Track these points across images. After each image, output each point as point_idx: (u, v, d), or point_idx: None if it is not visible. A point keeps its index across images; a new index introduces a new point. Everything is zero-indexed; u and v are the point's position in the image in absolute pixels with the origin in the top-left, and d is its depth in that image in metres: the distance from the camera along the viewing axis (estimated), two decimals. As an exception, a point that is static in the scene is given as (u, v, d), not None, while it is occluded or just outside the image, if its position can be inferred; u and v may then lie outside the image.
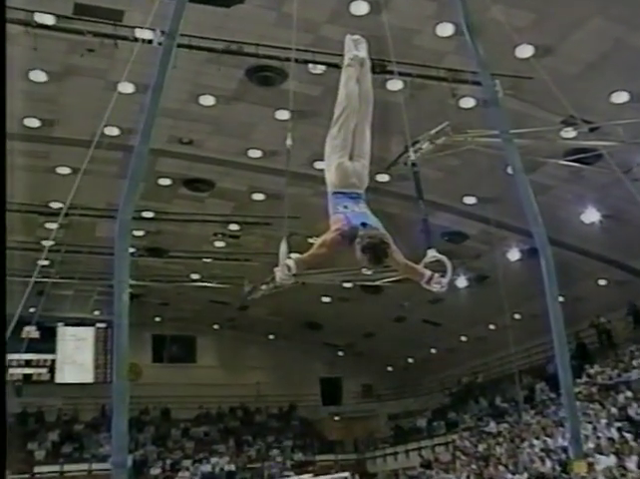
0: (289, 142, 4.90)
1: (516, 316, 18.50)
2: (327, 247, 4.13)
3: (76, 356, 22.33)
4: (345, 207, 4.29)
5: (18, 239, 14.72)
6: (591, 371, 15.97)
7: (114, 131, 11.42)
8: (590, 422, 13.25)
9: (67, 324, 22.26)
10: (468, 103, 10.99)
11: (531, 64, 7.86)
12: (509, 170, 6.07)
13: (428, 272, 4.47)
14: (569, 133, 10.12)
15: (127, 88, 9.91)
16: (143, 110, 5.05)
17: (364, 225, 4.15)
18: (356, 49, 4.80)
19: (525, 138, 9.40)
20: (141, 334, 22.86)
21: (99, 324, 22.54)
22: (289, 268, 4.08)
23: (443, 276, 4.45)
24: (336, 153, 4.48)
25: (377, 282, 14.87)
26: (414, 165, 5.03)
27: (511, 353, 15.55)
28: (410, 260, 4.43)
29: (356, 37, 4.91)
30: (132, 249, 6.56)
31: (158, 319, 23.67)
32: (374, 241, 3.99)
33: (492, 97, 6.12)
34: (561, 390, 5.54)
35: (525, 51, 9.41)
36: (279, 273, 4.12)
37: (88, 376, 22.33)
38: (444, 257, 4.47)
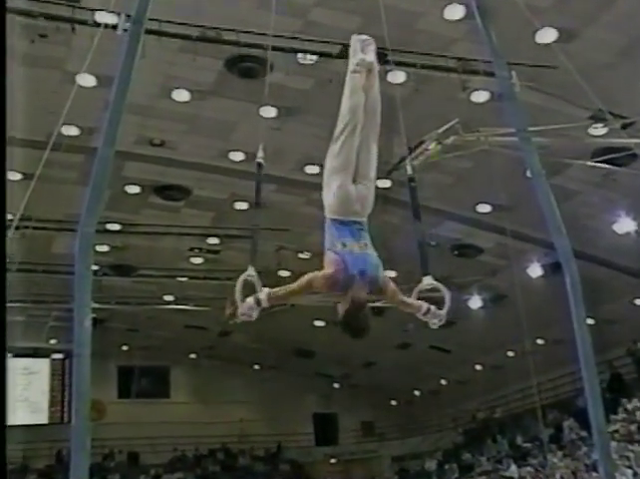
0: (260, 155, 4.89)
1: (539, 342, 18.50)
2: (312, 289, 4.21)
3: (27, 393, 22.10)
4: (344, 244, 4.28)
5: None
6: (629, 406, 15.94)
7: (72, 130, 11.39)
8: (630, 467, 13.19)
9: (17, 355, 21.93)
10: (480, 97, 11.04)
11: (554, 51, 7.88)
12: (529, 173, 6.07)
13: (424, 306, 4.57)
14: (598, 130, 10.17)
15: (87, 80, 9.88)
16: (106, 106, 5.03)
17: (362, 273, 4.18)
18: (363, 52, 4.71)
19: (547, 136, 9.45)
20: (105, 366, 22.74)
21: (55, 355, 22.38)
22: (259, 303, 4.25)
23: (440, 308, 4.48)
24: (337, 174, 4.41)
25: (378, 304, 14.87)
26: (411, 180, 4.99)
27: (534, 385, 15.51)
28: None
29: (363, 37, 4.81)
30: (94, 267, 6.53)
31: (125, 348, 23.54)
32: (356, 316, 4.11)
33: (509, 90, 6.13)
34: (592, 428, 5.51)
35: (547, 36, 9.43)
36: (244, 308, 4.29)
37: (41, 416, 22.10)
38: (441, 286, 4.54)
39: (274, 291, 4.27)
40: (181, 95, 11.42)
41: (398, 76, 10.30)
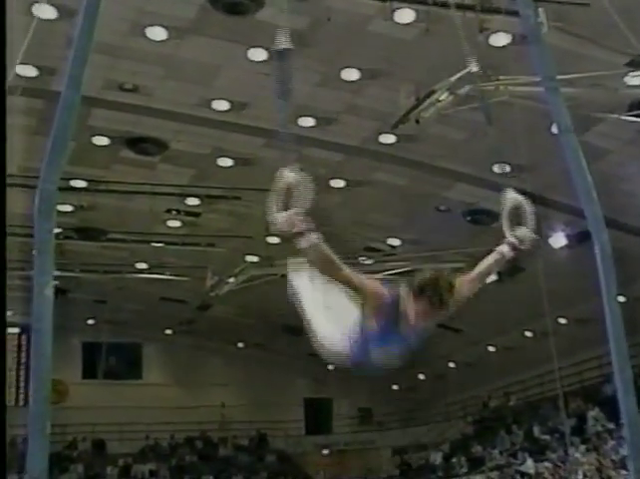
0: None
1: (561, 321, 18.60)
2: (359, 289, 3.83)
3: (-21, 372, 22.27)
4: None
5: None
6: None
7: (30, 71, 11.30)
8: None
9: (-33, 330, 22.14)
10: (500, 39, 10.94)
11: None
12: (554, 128, 6.02)
13: (505, 248, 4.53)
14: (636, 79, 10.10)
15: (47, 12, 9.78)
16: (70, 44, 4.95)
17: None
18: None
19: (577, 86, 9.40)
20: (67, 342, 22.85)
21: (10, 329, 22.43)
22: (308, 240, 3.53)
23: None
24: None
25: (379, 275, 14.89)
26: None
27: (555, 369, 15.61)
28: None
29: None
30: (57, 230, 6.53)
31: (90, 322, 23.64)
32: (427, 280, 3.80)
33: (534, 31, 6.04)
34: (622, 419, 5.54)
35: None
36: (289, 222, 3.57)
37: (-6, 398, 22.29)
38: (521, 200, 4.44)
39: (325, 249, 3.60)
40: (157, 33, 11.30)
41: (405, 15, 10.22)
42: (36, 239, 4.58)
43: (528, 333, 20.28)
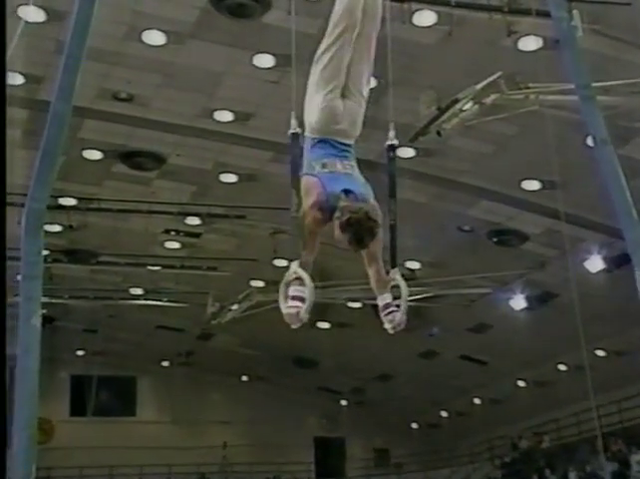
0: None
1: (599, 353, 18.51)
2: (312, 231, 4.28)
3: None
4: (323, 165, 4.42)
5: None
6: None
7: (16, 78, 11.35)
8: None
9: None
10: (530, 44, 10.95)
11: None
12: (590, 141, 6.02)
13: (388, 296, 4.58)
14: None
15: (34, 15, 9.81)
16: (59, 49, 5.00)
17: (346, 192, 4.28)
18: None
19: (616, 94, 9.39)
20: (54, 375, 22.89)
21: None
22: (301, 281, 4.23)
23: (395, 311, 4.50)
24: (324, 86, 4.58)
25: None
26: (390, 148, 4.95)
27: (593, 407, 15.52)
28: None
29: None
30: (44, 252, 6.56)
31: (80, 354, 23.65)
32: (357, 216, 4.11)
33: (567, 33, 6.05)
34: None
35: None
36: (293, 317, 4.32)
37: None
38: (403, 284, 4.52)
39: (301, 260, 4.27)
40: (154, 37, 11.37)
41: (427, 17, 10.25)
42: (23, 262, 4.58)
43: (562, 367, 20.18)
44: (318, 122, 4.57)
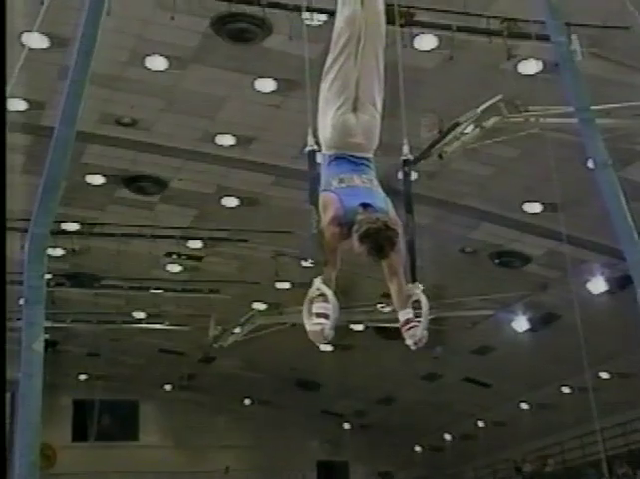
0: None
1: (603, 375, 18.43)
2: (333, 246, 4.28)
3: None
4: (340, 180, 4.42)
5: None
6: None
7: (19, 104, 11.41)
8: None
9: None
10: (530, 67, 11.00)
11: (626, 7, 7.84)
12: (591, 163, 6.03)
13: (409, 312, 4.53)
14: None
15: (38, 41, 9.88)
16: (61, 74, 5.03)
17: (364, 205, 4.26)
18: None
19: (616, 116, 9.41)
20: (57, 400, 22.81)
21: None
22: (325, 298, 4.18)
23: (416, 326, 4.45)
24: (334, 101, 4.57)
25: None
26: (406, 163, 4.98)
27: (597, 430, 15.47)
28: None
29: None
30: (47, 276, 6.54)
31: (82, 378, 23.56)
32: (376, 226, 4.11)
33: (567, 58, 6.09)
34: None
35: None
36: (318, 336, 4.32)
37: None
38: (424, 299, 4.49)
39: (324, 278, 4.23)
40: (157, 62, 11.42)
41: (426, 41, 10.30)
42: (25, 287, 4.59)
43: (566, 389, 20.09)
44: (332, 137, 4.57)
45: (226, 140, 13.13)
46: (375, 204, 4.30)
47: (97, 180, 14.15)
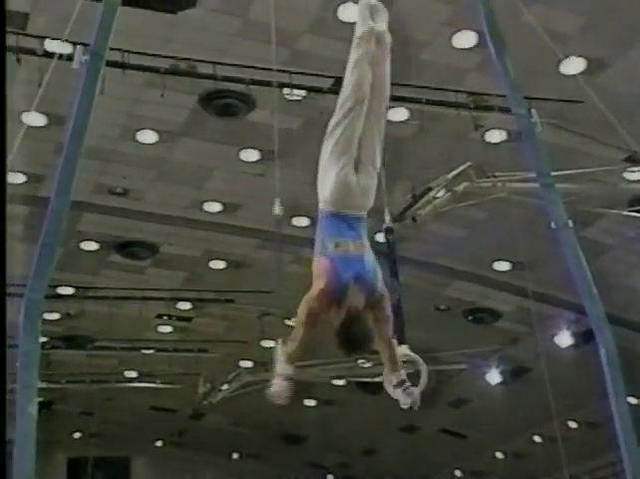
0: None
1: (571, 425, 18.33)
2: (311, 322, 4.23)
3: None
4: (336, 245, 4.35)
5: None
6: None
7: (18, 178, 11.46)
8: None
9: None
10: (495, 137, 11.17)
11: (580, 83, 8.01)
12: (553, 225, 6.10)
13: (402, 373, 4.55)
14: (636, 174, 10.25)
15: (36, 120, 9.96)
16: (58, 150, 5.05)
17: (357, 278, 4.24)
18: (372, 19, 4.75)
19: (575, 181, 9.53)
20: (51, 458, 22.38)
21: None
22: (286, 376, 4.26)
23: (414, 386, 4.49)
24: (337, 161, 4.49)
25: (380, 378, 14.78)
26: (388, 231, 5.04)
27: (567, 476, 15.32)
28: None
29: (373, 1, 4.85)
30: (42, 339, 6.49)
31: (77, 436, 23.19)
32: (355, 326, 4.12)
33: (528, 128, 6.19)
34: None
35: (573, 66, 9.57)
36: (276, 395, 4.28)
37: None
38: (418, 358, 4.50)
39: (288, 347, 4.32)
40: (147, 136, 11.50)
41: (400, 113, 10.44)
42: (20, 351, 4.55)
43: (537, 438, 19.96)
44: (332, 196, 4.48)
45: (213, 207, 13.18)
46: (366, 275, 4.29)
47: (91, 246, 14.13)
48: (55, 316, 15.77)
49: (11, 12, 9.12)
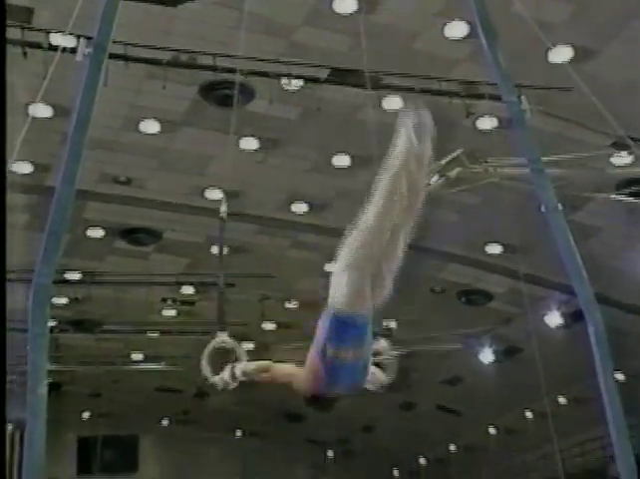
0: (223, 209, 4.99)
1: (561, 400, 18.39)
2: (284, 383, 4.63)
3: (-29, 470, 21.88)
4: (336, 353, 4.22)
5: None
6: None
7: (25, 167, 11.45)
8: None
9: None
10: (487, 124, 11.15)
11: (569, 71, 8.00)
12: (543, 208, 6.10)
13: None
14: (622, 159, 10.25)
15: (42, 111, 9.97)
16: (64, 140, 5.04)
17: (345, 387, 4.54)
18: (417, 137, 4.15)
19: (563, 167, 9.52)
20: (62, 437, 22.42)
21: (4, 426, 22.12)
22: (234, 376, 4.74)
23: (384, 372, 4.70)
24: (357, 266, 4.16)
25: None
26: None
27: (557, 450, 15.40)
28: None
29: (418, 119, 4.19)
30: (51, 323, 6.52)
31: (86, 416, 23.26)
32: (319, 408, 4.66)
33: (518, 115, 6.18)
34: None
35: (561, 55, 9.56)
36: (220, 381, 4.83)
37: (-12, 498, 21.86)
38: (393, 355, 4.58)
39: (250, 369, 4.74)
40: (150, 126, 11.48)
41: (394, 102, 10.42)
42: (30, 335, 4.56)
43: (529, 414, 20.02)
44: (344, 299, 4.17)
45: (214, 194, 13.16)
46: (356, 384, 4.58)
47: (97, 233, 14.14)
48: (63, 301, 15.82)
49: (17, 7, 9.11)
